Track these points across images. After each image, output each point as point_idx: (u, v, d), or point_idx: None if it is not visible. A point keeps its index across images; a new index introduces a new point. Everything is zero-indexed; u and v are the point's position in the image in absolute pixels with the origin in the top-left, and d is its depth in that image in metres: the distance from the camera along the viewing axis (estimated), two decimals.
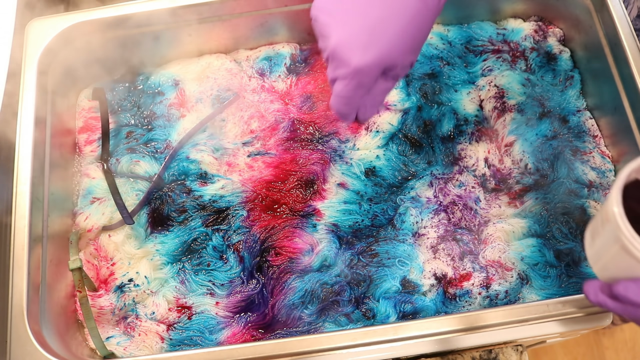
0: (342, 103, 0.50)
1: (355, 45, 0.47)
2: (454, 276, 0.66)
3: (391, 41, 0.47)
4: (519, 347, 0.64)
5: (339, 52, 0.47)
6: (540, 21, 0.80)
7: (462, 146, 0.73)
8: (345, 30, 0.47)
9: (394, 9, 0.47)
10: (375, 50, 0.46)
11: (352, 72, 0.47)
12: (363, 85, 0.48)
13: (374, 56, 0.46)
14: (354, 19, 0.47)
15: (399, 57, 0.48)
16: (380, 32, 0.46)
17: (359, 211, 0.69)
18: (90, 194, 0.71)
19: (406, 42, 0.48)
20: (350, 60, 0.47)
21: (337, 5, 0.48)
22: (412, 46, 0.48)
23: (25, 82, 0.69)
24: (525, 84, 0.75)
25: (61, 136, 0.72)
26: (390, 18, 0.47)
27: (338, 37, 0.47)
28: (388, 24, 0.46)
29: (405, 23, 0.47)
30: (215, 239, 0.68)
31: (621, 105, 0.68)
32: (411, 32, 0.47)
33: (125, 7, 0.72)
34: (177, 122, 0.75)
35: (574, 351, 1.36)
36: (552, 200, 0.69)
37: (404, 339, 0.57)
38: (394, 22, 0.47)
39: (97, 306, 0.66)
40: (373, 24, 0.46)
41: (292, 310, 0.65)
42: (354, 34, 0.47)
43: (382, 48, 0.47)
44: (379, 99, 0.52)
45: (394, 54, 0.47)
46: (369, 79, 0.48)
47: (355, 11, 0.47)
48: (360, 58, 0.46)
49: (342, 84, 0.48)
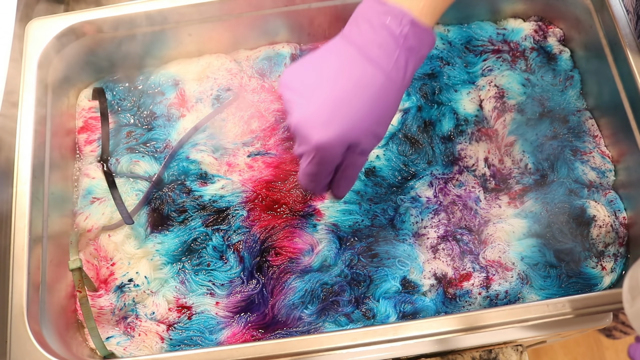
0: (307, 179, 0.50)
1: (316, 122, 0.46)
2: (454, 276, 0.66)
3: (353, 118, 0.46)
4: (519, 347, 0.64)
5: (300, 128, 0.47)
6: (540, 21, 0.80)
7: (462, 146, 0.73)
8: (307, 107, 0.47)
9: (356, 85, 0.46)
10: (336, 128, 0.46)
11: (314, 148, 0.47)
12: (327, 162, 0.48)
13: (335, 133, 0.46)
14: (315, 96, 0.47)
15: (362, 134, 0.47)
16: (342, 109, 0.46)
17: (359, 211, 0.69)
18: (90, 194, 0.71)
19: (370, 118, 0.47)
20: (311, 137, 0.46)
21: (299, 82, 0.48)
22: (377, 121, 0.48)
23: (25, 82, 0.69)
24: (525, 84, 0.75)
25: (61, 136, 0.72)
26: (352, 95, 0.46)
27: (300, 114, 0.47)
28: (350, 100, 0.46)
29: (368, 99, 0.46)
30: (215, 239, 0.68)
31: (621, 105, 0.68)
32: (375, 108, 0.47)
33: (125, 7, 0.72)
34: (177, 122, 0.75)
35: (574, 351, 1.36)
36: (552, 200, 0.69)
37: (404, 339, 0.57)
38: (356, 98, 0.46)
39: (97, 306, 0.66)
40: (335, 101, 0.46)
41: (292, 310, 0.65)
42: (315, 111, 0.46)
43: (344, 125, 0.46)
44: (350, 174, 0.51)
45: (356, 131, 0.47)
46: (332, 155, 0.47)
47: (317, 88, 0.47)
48: (320, 135, 0.46)
49: (306, 160, 0.48)
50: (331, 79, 0.47)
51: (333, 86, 0.47)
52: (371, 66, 0.46)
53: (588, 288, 0.65)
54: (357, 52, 0.47)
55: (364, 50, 0.47)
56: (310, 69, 0.49)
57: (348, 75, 0.47)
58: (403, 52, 0.47)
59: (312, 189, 0.52)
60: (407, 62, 0.47)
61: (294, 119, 0.47)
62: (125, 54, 0.76)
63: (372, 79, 0.46)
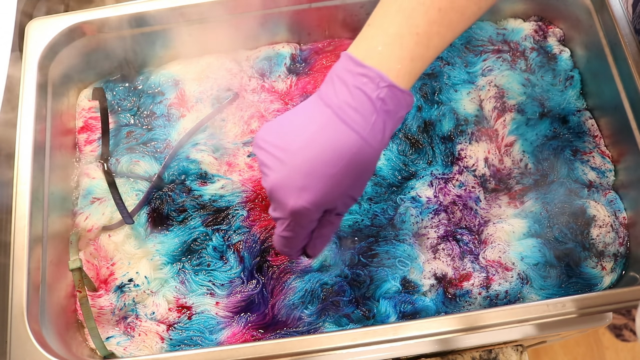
0: (282, 244, 0.50)
1: (292, 188, 0.45)
2: (454, 276, 0.66)
3: (328, 184, 0.45)
4: (519, 347, 0.64)
5: (275, 193, 0.46)
6: (540, 21, 0.80)
7: (462, 146, 0.73)
8: (282, 172, 0.45)
9: (332, 150, 0.44)
10: (311, 194, 0.45)
11: (289, 214, 0.46)
12: (302, 227, 0.48)
13: (310, 200, 0.45)
14: (291, 160, 0.45)
15: (338, 199, 0.46)
16: (318, 175, 0.45)
17: (359, 211, 0.69)
18: (90, 194, 0.71)
19: (346, 183, 0.46)
20: (286, 203, 0.46)
21: (275, 144, 0.46)
22: (353, 185, 0.47)
23: (25, 82, 0.69)
24: (525, 84, 0.75)
25: (61, 136, 0.72)
26: (328, 160, 0.44)
27: (275, 178, 0.46)
28: (326, 166, 0.44)
29: (344, 165, 0.45)
30: (215, 239, 0.68)
31: (621, 105, 0.69)
32: (351, 173, 0.45)
33: (125, 7, 0.72)
34: (177, 122, 0.75)
35: (574, 351, 1.36)
36: (552, 200, 0.69)
37: (404, 339, 0.57)
38: (332, 163, 0.44)
39: (97, 306, 0.66)
40: (310, 167, 0.45)
41: (292, 310, 0.65)
42: (290, 176, 0.45)
43: (319, 191, 0.45)
44: (326, 234, 0.51)
45: (332, 196, 0.46)
46: (307, 221, 0.47)
47: (293, 152, 0.45)
48: (295, 201, 0.45)
49: (282, 225, 0.48)
50: (307, 143, 0.45)
51: (309, 150, 0.45)
52: (348, 130, 0.44)
53: (588, 288, 0.65)
54: (333, 114, 0.45)
55: (340, 112, 0.45)
56: (286, 130, 0.47)
57: (324, 139, 0.45)
58: (380, 116, 0.45)
59: (287, 252, 0.51)
60: (385, 125, 0.45)
61: (269, 182, 0.46)
62: (125, 54, 0.76)
63: (349, 143, 0.44)
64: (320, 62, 0.78)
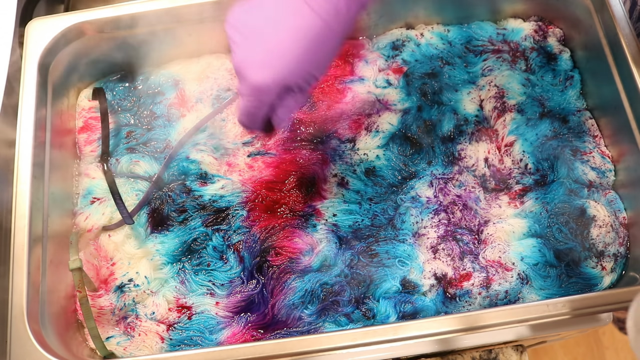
0: (244, 117, 0.53)
1: (254, 65, 0.49)
2: (454, 276, 0.66)
3: (290, 63, 0.49)
4: (519, 347, 0.64)
5: (240, 69, 0.50)
6: (540, 21, 0.80)
7: (462, 146, 0.73)
8: (248, 50, 0.49)
9: (296, 31, 0.48)
10: (272, 71, 0.49)
11: (251, 90, 0.50)
12: (264, 102, 0.51)
13: (271, 77, 0.49)
14: (257, 39, 0.49)
15: (299, 77, 0.50)
16: (279, 54, 0.48)
17: (359, 211, 0.69)
18: (90, 194, 0.71)
19: (307, 63, 0.49)
20: (249, 79, 0.49)
21: (243, 23, 0.50)
22: (315, 66, 0.50)
23: (25, 82, 0.69)
24: (525, 84, 0.75)
25: (61, 136, 0.72)
26: (289, 40, 0.48)
27: (241, 55, 0.50)
28: (287, 46, 0.48)
29: (304, 45, 0.48)
30: (215, 239, 0.68)
31: (621, 105, 0.68)
32: (311, 54, 0.49)
33: (125, 7, 0.72)
34: (177, 122, 0.75)
35: (574, 351, 1.36)
36: (552, 200, 0.69)
37: (404, 339, 0.57)
38: (294, 44, 0.48)
39: (97, 306, 0.66)
40: (274, 46, 0.48)
41: (292, 310, 0.65)
42: (255, 54, 0.49)
43: (280, 69, 0.49)
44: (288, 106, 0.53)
45: (292, 75, 0.49)
46: (268, 96, 0.50)
47: (260, 32, 0.49)
48: (257, 77, 0.49)
49: (244, 99, 0.51)
50: (273, 24, 0.49)
51: (274, 31, 0.49)
52: (311, 13, 0.48)
53: (588, 288, 0.65)
54: None
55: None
56: (255, 11, 0.50)
57: (289, 21, 0.48)
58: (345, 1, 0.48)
59: (249, 125, 0.55)
60: (349, 8, 0.49)
61: (236, 59, 0.50)
62: (125, 54, 0.76)
63: (311, 25, 0.48)
64: None
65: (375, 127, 0.73)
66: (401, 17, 0.79)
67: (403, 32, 0.79)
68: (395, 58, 0.78)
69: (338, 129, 0.74)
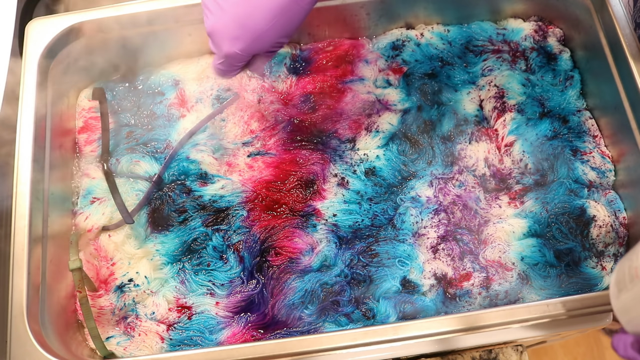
0: (219, 73, 0.59)
1: (226, 35, 0.54)
2: (454, 276, 0.66)
3: (259, 35, 0.53)
4: (519, 347, 0.64)
5: (213, 36, 0.55)
6: (540, 21, 0.80)
7: (462, 146, 0.73)
8: (220, 18, 0.54)
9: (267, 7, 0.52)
10: (242, 43, 0.54)
11: (223, 56, 0.56)
12: (235, 65, 0.57)
13: (241, 47, 0.54)
14: (230, 11, 0.53)
15: (266, 46, 0.55)
16: (249, 26, 0.53)
17: (359, 211, 0.69)
18: (90, 194, 0.71)
19: (274, 32, 0.54)
20: (221, 47, 0.55)
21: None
22: (281, 35, 0.55)
23: (25, 82, 0.69)
24: (525, 84, 0.75)
25: (61, 136, 0.72)
26: (259, 13, 0.52)
27: (214, 23, 0.54)
28: (256, 19, 0.52)
29: (272, 17, 0.52)
30: (215, 239, 0.68)
31: (621, 105, 0.68)
32: (279, 25, 0.53)
33: (125, 7, 0.72)
34: (177, 122, 0.75)
35: (574, 351, 1.36)
36: (552, 200, 0.69)
37: (404, 339, 0.57)
38: (262, 17, 0.52)
39: (97, 306, 0.66)
40: (243, 18, 0.53)
41: (292, 310, 0.65)
42: (226, 24, 0.53)
43: (249, 40, 0.54)
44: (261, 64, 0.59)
45: (260, 44, 0.54)
46: (239, 62, 0.56)
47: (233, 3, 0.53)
48: (229, 48, 0.54)
49: (217, 59, 0.57)
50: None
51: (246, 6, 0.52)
52: None
53: (588, 288, 0.65)
54: None
55: None
56: None
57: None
58: None
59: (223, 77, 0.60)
60: None
61: (209, 26, 0.55)
62: (125, 54, 0.76)
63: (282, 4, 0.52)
64: (321, 62, 0.78)
65: (375, 127, 0.73)
66: (401, 17, 0.79)
67: (403, 32, 0.79)
68: (395, 58, 0.78)
69: (338, 129, 0.74)
